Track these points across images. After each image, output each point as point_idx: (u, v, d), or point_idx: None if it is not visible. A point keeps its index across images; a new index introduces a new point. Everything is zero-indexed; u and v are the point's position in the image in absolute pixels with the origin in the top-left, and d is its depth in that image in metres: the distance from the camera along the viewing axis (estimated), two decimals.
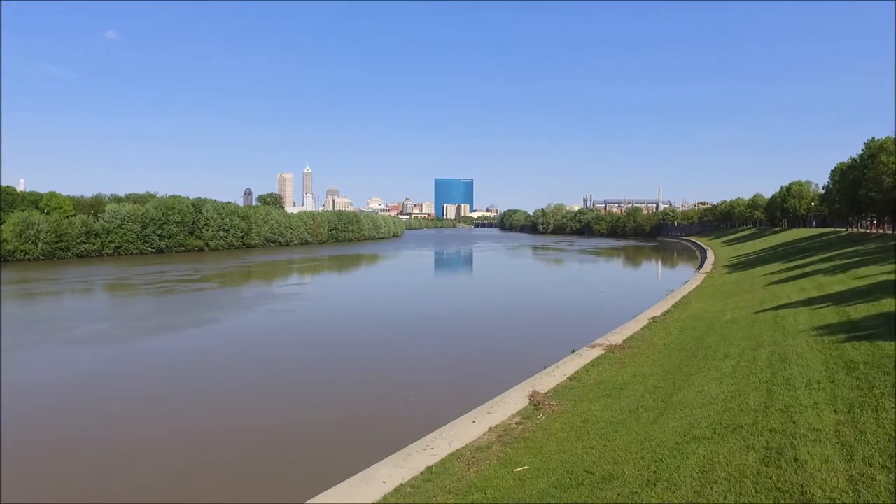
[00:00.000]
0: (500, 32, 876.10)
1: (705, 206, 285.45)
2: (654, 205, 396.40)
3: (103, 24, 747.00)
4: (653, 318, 28.81)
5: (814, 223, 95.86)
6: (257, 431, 16.93)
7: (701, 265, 76.23)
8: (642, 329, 25.61)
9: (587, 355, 20.78)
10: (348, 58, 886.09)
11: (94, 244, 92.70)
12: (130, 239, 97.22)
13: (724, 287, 38.54)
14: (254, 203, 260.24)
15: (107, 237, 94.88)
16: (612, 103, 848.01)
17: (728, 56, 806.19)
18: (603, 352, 21.06)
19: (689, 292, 39.76)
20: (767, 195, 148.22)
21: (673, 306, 32.83)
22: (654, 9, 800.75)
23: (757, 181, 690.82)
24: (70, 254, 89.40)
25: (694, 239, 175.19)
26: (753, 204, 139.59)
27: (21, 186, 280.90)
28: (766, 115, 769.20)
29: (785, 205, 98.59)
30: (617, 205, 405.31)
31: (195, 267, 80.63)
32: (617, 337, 24.10)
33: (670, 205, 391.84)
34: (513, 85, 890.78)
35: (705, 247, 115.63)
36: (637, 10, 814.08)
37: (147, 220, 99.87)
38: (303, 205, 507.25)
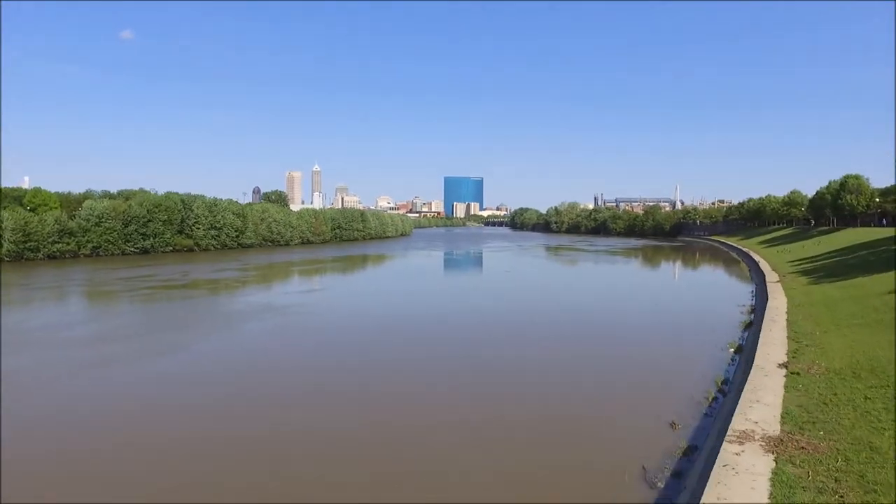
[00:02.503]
0: (503, 32, 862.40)
1: (725, 204, 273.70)
2: (669, 203, 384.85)
3: (120, 24, 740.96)
4: (784, 365, 18.93)
5: (884, 221, 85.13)
6: None
7: (754, 271, 66.04)
8: (792, 393, 15.76)
9: (745, 467, 10.97)
10: (356, 57, 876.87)
11: (68, 244, 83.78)
12: (110, 238, 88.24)
13: (843, 309, 28.54)
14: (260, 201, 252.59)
15: (83, 236, 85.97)
16: (620, 101, 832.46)
17: (735, 54, 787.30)
18: (769, 460, 11.27)
19: (789, 314, 29.79)
20: (781, 194, 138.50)
21: (792, 339, 22.96)
22: (655, 8, 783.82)
23: (772, 180, 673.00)
24: (41, 254, 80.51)
25: (720, 239, 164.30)
26: (790, 201, 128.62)
27: (25, 185, 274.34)
28: (778, 114, 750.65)
29: (839, 201, 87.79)
30: (628, 203, 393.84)
31: (183, 269, 71.59)
32: (762, 413, 14.22)
33: (682, 203, 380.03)
34: (520, 83, 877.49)
35: (744, 249, 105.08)
36: (639, 9, 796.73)
37: (129, 218, 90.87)
38: (311, 203, 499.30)
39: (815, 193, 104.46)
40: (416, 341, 30.46)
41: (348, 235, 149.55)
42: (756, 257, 78.50)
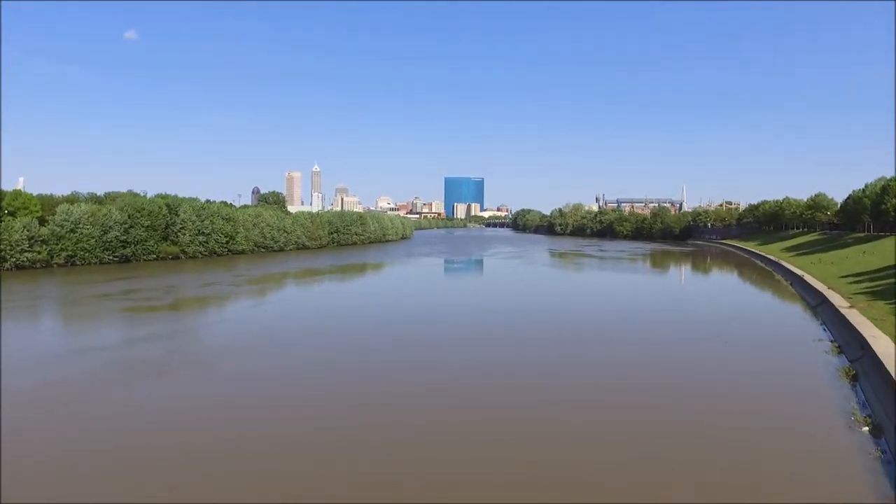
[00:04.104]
0: (503, 32, 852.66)
1: (733, 205, 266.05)
2: (670, 203, 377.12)
3: (124, 24, 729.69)
4: None
5: None
6: None
7: (801, 288, 58.99)
8: None
9: None
10: (355, 57, 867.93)
11: (39, 253, 76.55)
12: (87, 246, 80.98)
13: None
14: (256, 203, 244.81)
15: (56, 244, 78.75)
16: (621, 101, 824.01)
17: (735, 54, 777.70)
18: None
19: None
20: (786, 194, 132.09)
21: None
22: (655, 8, 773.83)
23: (775, 181, 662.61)
24: (8, 265, 73.32)
25: (735, 243, 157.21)
26: (815, 205, 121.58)
27: (19, 185, 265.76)
28: (780, 115, 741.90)
29: (882, 206, 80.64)
30: (630, 204, 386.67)
31: (167, 283, 64.81)
32: None
33: (685, 204, 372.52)
34: (520, 83, 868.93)
35: (770, 257, 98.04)
36: (640, 10, 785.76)
37: (109, 224, 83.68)
38: (311, 204, 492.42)
39: (847, 197, 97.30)
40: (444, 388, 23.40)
41: (346, 240, 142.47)
42: (795, 270, 71.25)
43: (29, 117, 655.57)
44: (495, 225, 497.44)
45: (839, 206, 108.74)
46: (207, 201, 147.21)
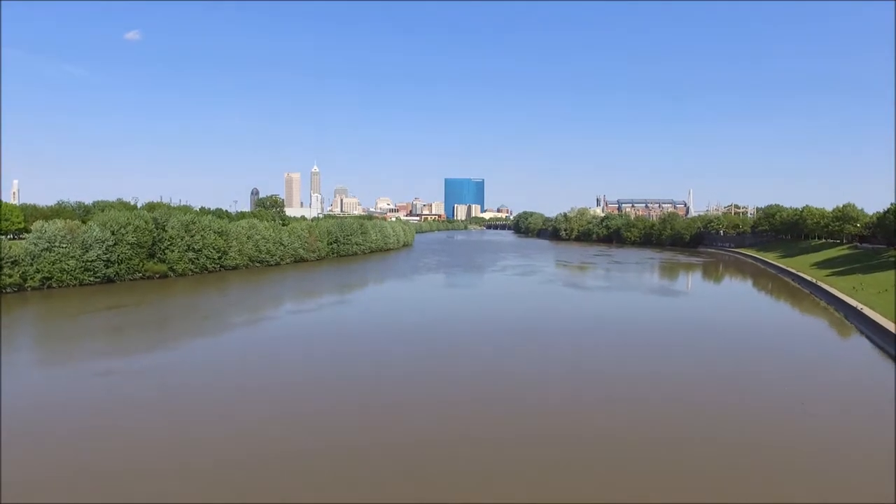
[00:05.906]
0: (503, 32, 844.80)
1: (741, 209, 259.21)
2: (672, 204, 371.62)
3: (124, 24, 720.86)
4: None
5: None
6: None
7: (859, 323, 52.30)
8: None
9: None
10: (356, 57, 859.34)
11: (10, 276, 69.49)
12: (65, 267, 73.91)
13: None
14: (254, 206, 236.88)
15: (31, 265, 71.69)
16: (621, 101, 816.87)
17: (734, 57, 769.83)
18: None
19: None
20: (794, 197, 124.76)
21: None
22: (655, 8, 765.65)
23: (782, 182, 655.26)
24: None
25: (751, 253, 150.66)
26: (842, 216, 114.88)
27: (14, 190, 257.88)
28: (791, 114, 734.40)
29: None
30: (631, 205, 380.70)
31: (159, 315, 59.23)
32: None
33: (685, 205, 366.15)
34: (521, 84, 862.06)
35: (802, 275, 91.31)
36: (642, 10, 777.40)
37: (90, 242, 76.70)
38: (310, 205, 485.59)
39: (886, 210, 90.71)
40: None
41: (346, 250, 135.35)
42: (846, 299, 64.06)
43: (28, 117, 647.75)
44: (496, 227, 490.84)
45: (873, 218, 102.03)
46: (202, 209, 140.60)
